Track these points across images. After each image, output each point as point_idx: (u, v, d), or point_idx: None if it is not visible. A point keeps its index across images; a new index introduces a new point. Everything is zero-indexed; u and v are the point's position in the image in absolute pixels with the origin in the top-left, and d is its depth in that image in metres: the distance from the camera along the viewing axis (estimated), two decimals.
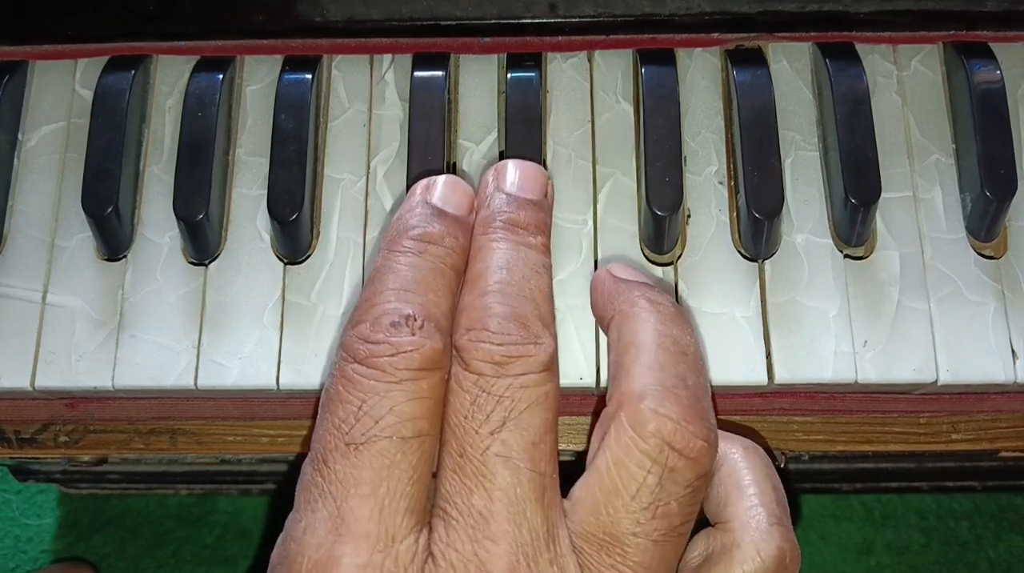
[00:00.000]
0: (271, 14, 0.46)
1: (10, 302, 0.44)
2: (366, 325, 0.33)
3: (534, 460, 0.32)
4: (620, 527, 0.32)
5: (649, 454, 0.32)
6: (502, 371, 0.33)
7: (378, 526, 0.31)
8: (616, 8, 0.45)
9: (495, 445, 0.32)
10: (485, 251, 0.36)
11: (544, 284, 0.36)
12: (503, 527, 0.31)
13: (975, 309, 0.43)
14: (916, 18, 0.46)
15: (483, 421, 0.32)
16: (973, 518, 0.68)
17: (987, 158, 0.43)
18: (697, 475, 0.33)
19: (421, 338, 0.33)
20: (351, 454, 0.32)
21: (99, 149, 0.44)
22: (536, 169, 0.39)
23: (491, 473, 0.32)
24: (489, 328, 0.33)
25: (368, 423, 0.32)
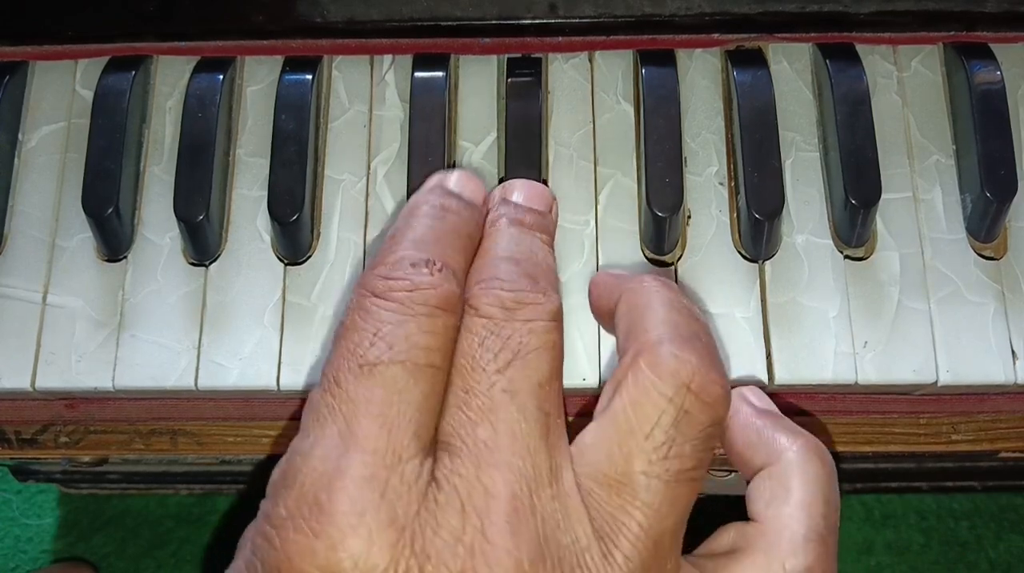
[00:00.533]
0: (271, 14, 0.46)
1: (10, 302, 0.44)
2: (386, 266, 0.34)
3: (539, 399, 0.32)
4: (632, 466, 0.32)
5: (666, 394, 0.32)
6: (511, 315, 0.33)
7: (386, 444, 0.31)
8: (616, 9, 0.45)
9: (501, 381, 0.32)
10: (494, 235, 0.37)
11: (551, 262, 0.37)
12: (507, 457, 0.31)
13: (975, 310, 0.43)
14: (916, 19, 0.46)
15: (491, 359, 0.32)
16: (973, 518, 0.68)
17: (987, 159, 0.43)
18: (712, 420, 0.32)
19: (439, 278, 0.33)
20: (363, 375, 0.32)
21: (99, 149, 0.44)
22: (543, 188, 0.40)
23: (496, 407, 0.32)
24: (500, 276, 0.34)
25: (382, 347, 0.32)
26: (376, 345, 0.32)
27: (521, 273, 0.35)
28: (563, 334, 0.35)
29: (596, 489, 0.32)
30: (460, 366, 0.33)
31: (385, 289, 0.33)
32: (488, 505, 0.30)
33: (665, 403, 0.32)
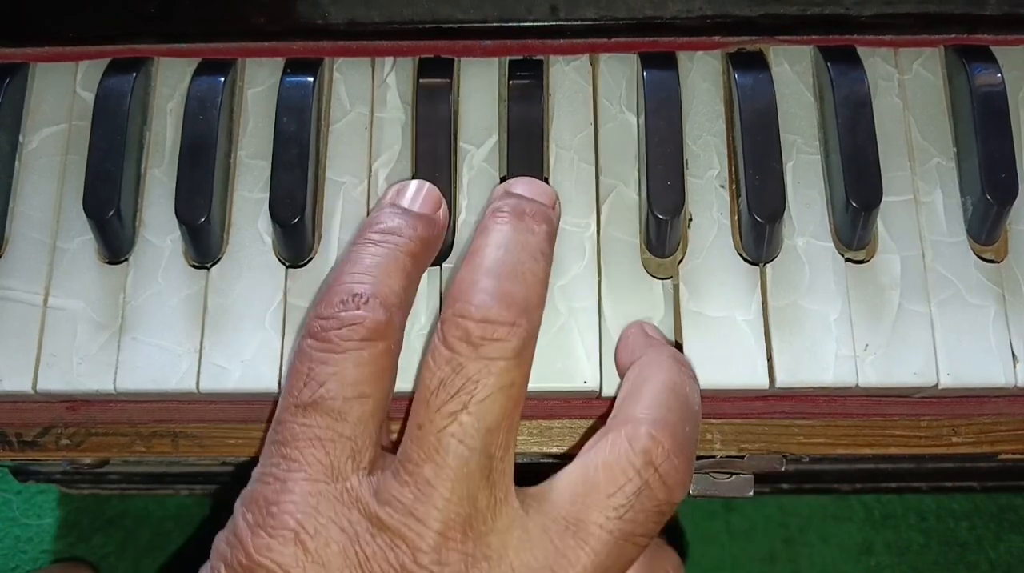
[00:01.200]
0: (272, 16, 0.46)
1: (11, 305, 0.44)
2: (322, 306, 0.37)
3: (486, 444, 0.35)
4: (590, 516, 0.35)
5: (635, 466, 0.36)
6: (474, 353, 0.36)
7: (324, 466, 0.36)
8: (617, 11, 0.45)
9: (452, 426, 0.35)
10: (487, 230, 0.39)
11: (539, 269, 0.38)
12: (445, 496, 0.35)
13: (976, 312, 0.43)
14: (917, 21, 0.46)
15: (446, 400, 0.35)
16: (973, 518, 0.68)
17: (988, 161, 0.43)
18: (667, 500, 0.36)
19: (365, 312, 0.36)
20: (299, 414, 0.36)
21: (100, 151, 0.44)
22: (545, 185, 0.42)
23: (444, 450, 0.35)
24: (473, 303, 0.36)
25: (314, 386, 0.36)
26: (308, 385, 0.36)
27: (497, 294, 0.36)
28: (530, 361, 0.37)
29: (552, 525, 0.36)
30: (418, 399, 0.36)
31: (318, 330, 0.37)
32: (421, 533, 0.34)
33: (632, 473, 0.35)
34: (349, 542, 0.35)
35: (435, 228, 0.41)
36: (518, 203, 0.40)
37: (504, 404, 0.36)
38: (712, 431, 0.44)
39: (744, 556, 0.67)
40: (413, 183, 0.41)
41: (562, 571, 0.35)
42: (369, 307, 0.37)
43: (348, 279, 0.37)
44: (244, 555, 0.35)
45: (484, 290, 0.36)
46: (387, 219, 0.40)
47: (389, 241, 0.39)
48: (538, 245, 0.39)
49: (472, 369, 0.35)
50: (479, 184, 0.45)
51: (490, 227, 0.39)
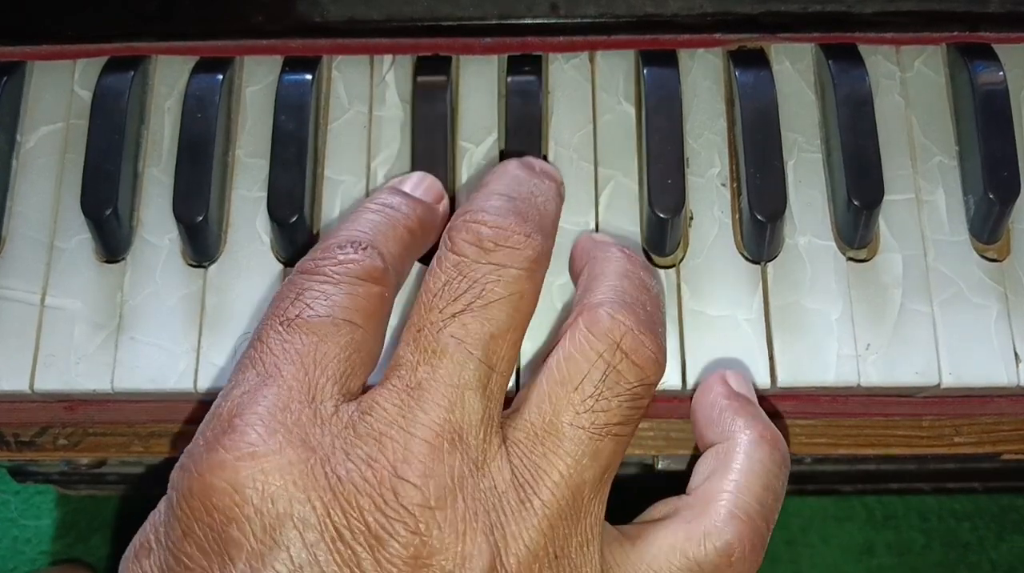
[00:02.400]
0: (271, 14, 0.46)
1: (9, 304, 0.43)
2: (317, 250, 0.36)
3: (487, 352, 0.33)
4: (560, 417, 0.33)
5: (598, 350, 0.33)
6: (484, 257, 0.34)
7: (303, 382, 0.32)
8: (618, 8, 0.45)
9: (452, 325, 0.33)
10: (497, 173, 0.38)
11: (551, 208, 0.37)
12: (437, 401, 0.32)
13: (978, 312, 0.42)
14: (919, 19, 0.46)
15: (449, 302, 0.33)
16: (975, 519, 0.68)
17: (990, 160, 0.43)
18: (639, 380, 0.33)
19: (364, 255, 0.35)
20: (283, 330, 0.33)
21: (98, 150, 0.44)
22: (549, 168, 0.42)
23: (441, 351, 0.33)
24: (485, 209, 0.35)
25: (301, 305, 0.34)
26: (296, 304, 0.34)
27: (511, 209, 0.35)
28: (540, 282, 0.35)
29: (523, 439, 0.33)
30: (419, 302, 0.34)
31: (313, 267, 0.35)
32: (406, 442, 0.31)
33: (596, 357, 0.33)
34: (319, 462, 0.31)
35: (435, 216, 0.40)
36: (526, 159, 0.39)
37: (511, 314, 0.34)
38: None
39: None
40: (416, 174, 0.41)
41: (539, 481, 0.32)
42: (368, 254, 0.35)
43: (345, 232, 0.36)
44: (196, 476, 0.30)
45: (497, 204, 0.35)
46: (387, 196, 0.38)
47: (388, 211, 0.37)
48: (551, 190, 0.38)
49: (480, 272, 0.33)
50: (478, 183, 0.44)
51: (496, 171, 0.38)
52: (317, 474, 0.30)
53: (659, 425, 0.43)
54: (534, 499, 0.32)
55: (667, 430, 0.43)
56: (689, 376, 0.42)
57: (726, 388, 0.38)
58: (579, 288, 0.38)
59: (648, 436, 0.43)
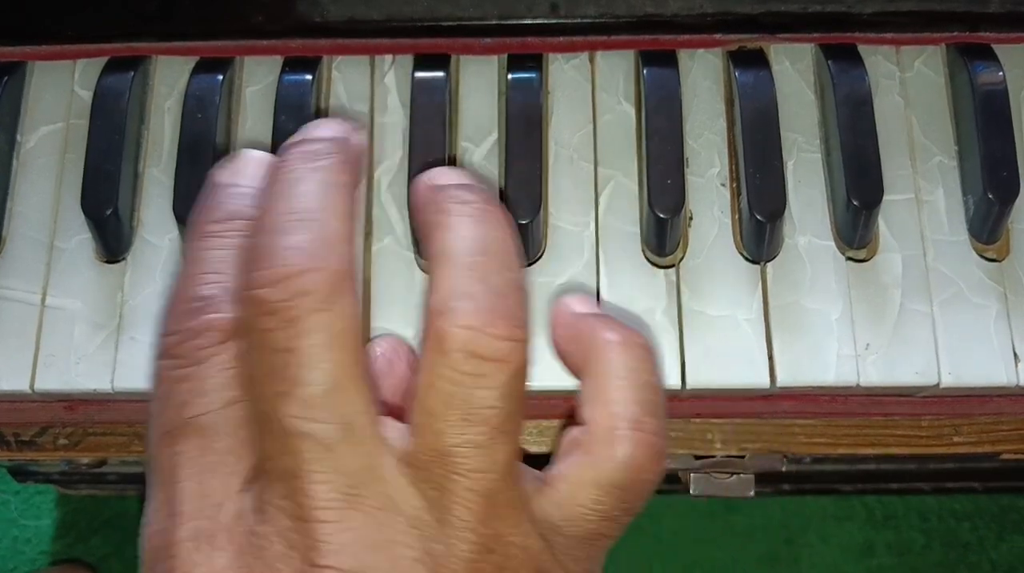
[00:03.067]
0: (271, 14, 0.46)
1: (9, 304, 0.43)
2: (169, 319, 0.34)
3: (331, 408, 0.31)
4: (444, 441, 0.32)
5: (454, 367, 0.32)
6: (282, 320, 0.31)
7: (200, 500, 0.32)
8: (618, 9, 0.45)
9: (287, 406, 0.31)
10: (272, 182, 0.34)
11: (334, 203, 0.34)
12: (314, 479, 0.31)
13: (977, 311, 0.43)
14: (919, 19, 0.46)
15: (271, 385, 0.31)
16: (975, 519, 0.68)
17: (990, 160, 0.43)
18: (508, 375, 0.32)
19: (215, 315, 0.33)
20: (168, 443, 0.33)
21: (98, 150, 0.44)
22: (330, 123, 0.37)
23: (289, 434, 0.31)
24: (261, 267, 0.32)
25: (176, 410, 0.33)
26: (170, 409, 0.33)
27: (289, 245, 0.32)
28: (353, 301, 0.32)
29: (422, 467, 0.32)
30: (253, 395, 0.32)
31: (169, 347, 0.33)
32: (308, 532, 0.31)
33: (455, 375, 0.32)
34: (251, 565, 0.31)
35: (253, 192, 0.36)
36: (302, 146, 0.35)
37: (336, 358, 0.31)
38: (713, 431, 0.43)
39: (745, 557, 0.67)
40: (234, 154, 0.38)
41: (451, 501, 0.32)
42: (218, 307, 0.33)
43: (189, 282, 0.34)
44: None
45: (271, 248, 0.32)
46: (221, 203, 0.36)
47: (229, 227, 0.35)
48: (329, 179, 0.34)
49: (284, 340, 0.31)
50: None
51: (274, 178, 0.34)
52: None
53: None
54: (451, 517, 0.32)
55: (666, 429, 0.43)
56: (689, 376, 0.42)
57: (572, 312, 0.38)
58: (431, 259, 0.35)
59: None
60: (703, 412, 0.43)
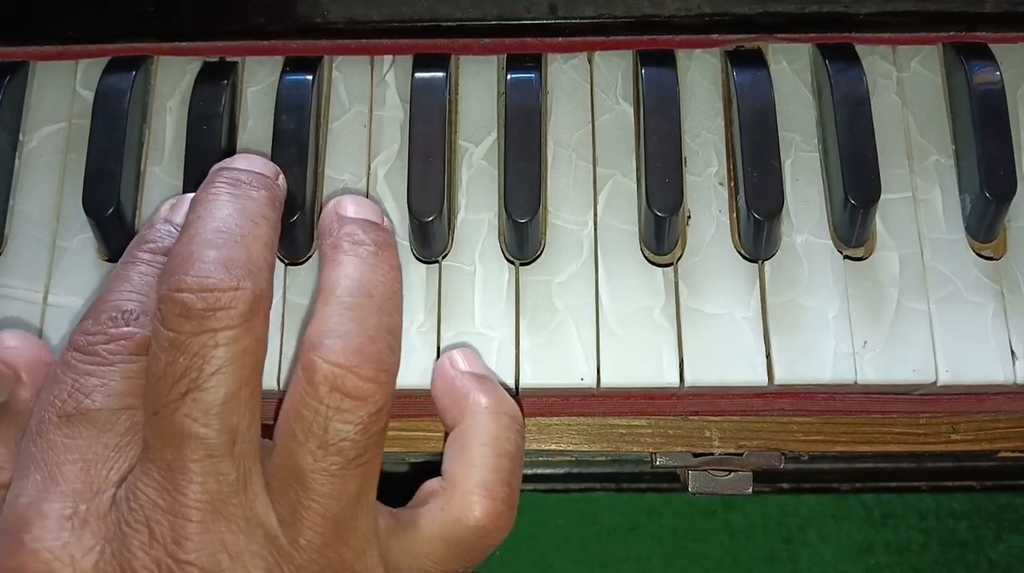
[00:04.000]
0: (272, 15, 0.46)
1: (11, 303, 0.44)
2: (88, 321, 0.36)
3: (223, 417, 0.33)
4: (300, 465, 0.34)
5: (318, 399, 0.34)
6: (197, 327, 0.33)
7: (83, 484, 0.33)
8: (616, 9, 0.45)
9: (184, 407, 0.33)
10: (200, 201, 0.37)
11: (261, 233, 0.36)
12: (191, 477, 0.33)
13: (974, 310, 0.43)
14: (916, 19, 0.46)
15: (174, 383, 0.33)
16: (973, 518, 0.68)
17: (987, 159, 0.43)
18: (368, 413, 0.34)
19: (134, 328, 0.35)
20: (63, 425, 0.34)
21: (100, 150, 0.44)
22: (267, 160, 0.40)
23: (180, 431, 0.33)
24: (189, 273, 0.34)
25: (79, 397, 0.34)
26: (73, 396, 0.34)
27: (218, 260, 0.34)
28: (263, 325, 0.35)
29: (276, 485, 0.34)
30: (149, 386, 0.34)
31: (85, 344, 0.35)
32: (171, 524, 0.33)
33: (317, 406, 0.34)
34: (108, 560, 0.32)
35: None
36: (234, 174, 0.38)
37: (238, 373, 0.34)
38: (711, 428, 0.44)
39: (743, 555, 0.67)
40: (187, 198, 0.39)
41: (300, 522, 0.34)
42: (140, 323, 0.35)
43: (116, 296, 0.36)
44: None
45: (200, 258, 0.34)
46: (158, 239, 0.38)
47: (159, 260, 0.37)
48: (257, 209, 0.37)
49: (197, 344, 0.33)
50: (478, 182, 0.45)
51: (203, 197, 0.37)
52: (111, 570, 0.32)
53: (656, 422, 0.44)
54: (300, 538, 0.34)
55: (664, 427, 0.43)
56: (687, 374, 0.42)
57: (455, 369, 0.41)
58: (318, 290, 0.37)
59: (646, 433, 0.43)
60: (701, 410, 0.44)
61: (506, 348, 0.42)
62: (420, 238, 0.43)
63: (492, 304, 0.43)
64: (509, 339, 0.42)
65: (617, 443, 0.44)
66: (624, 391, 0.43)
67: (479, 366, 0.41)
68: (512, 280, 0.43)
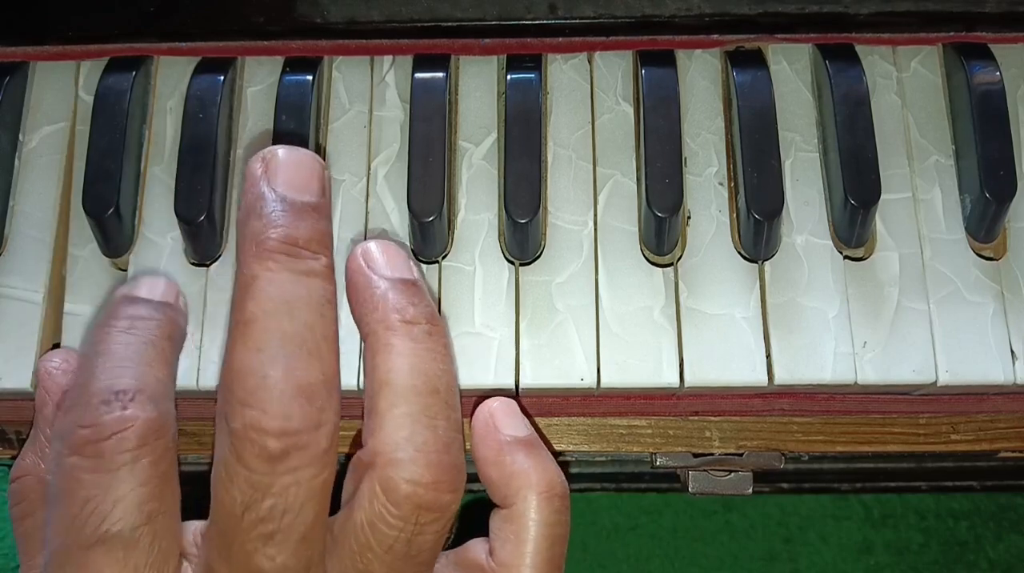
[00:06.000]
0: (272, 15, 0.46)
1: (11, 302, 0.44)
2: (79, 409, 0.33)
3: (299, 554, 0.32)
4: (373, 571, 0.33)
5: (401, 517, 0.33)
6: (279, 467, 0.31)
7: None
8: (616, 9, 0.45)
9: (265, 548, 0.32)
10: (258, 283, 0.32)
11: (329, 329, 0.33)
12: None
13: (974, 310, 0.43)
14: (916, 19, 0.46)
15: (255, 523, 0.32)
16: (972, 518, 0.68)
17: (987, 159, 0.43)
18: (447, 521, 0.34)
19: (134, 412, 0.33)
20: (89, 552, 0.32)
21: (100, 150, 0.44)
22: (309, 156, 0.35)
23: (256, 570, 0.32)
24: (267, 410, 0.31)
25: (95, 522, 0.32)
26: (90, 521, 0.32)
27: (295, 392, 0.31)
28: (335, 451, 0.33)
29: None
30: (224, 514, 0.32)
31: (82, 442, 0.32)
32: None
33: (401, 524, 0.33)
34: None
35: (181, 317, 0.38)
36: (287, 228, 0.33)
37: (316, 509, 0.33)
38: (711, 429, 0.44)
39: (744, 555, 0.67)
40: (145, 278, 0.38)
41: None
42: (137, 405, 0.32)
43: (104, 374, 0.33)
44: None
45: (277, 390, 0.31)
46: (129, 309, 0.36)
47: (139, 326, 0.35)
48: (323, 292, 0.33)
49: (278, 487, 0.31)
50: (478, 182, 0.45)
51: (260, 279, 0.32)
52: None
53: (656, 423, 0.44)
54: None
55: (664, 427, 0.43)
56: (687, 374, 0.42)
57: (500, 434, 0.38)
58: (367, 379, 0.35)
59: (646, 433, 0.43)
60: (701, 410, 0.44)
61: (506, 348, 0.42)
62: (420, 238, 0.43)
63: (492, 304, 0.43)
64: (509, 339, 0.42)
65: (617, 443, 0.44)
66: (624, 391, 0.43)
67: (520, 420, 0.39)
68: (512, 280, 0.43)
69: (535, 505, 0.37)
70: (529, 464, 0.37)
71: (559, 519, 0.37)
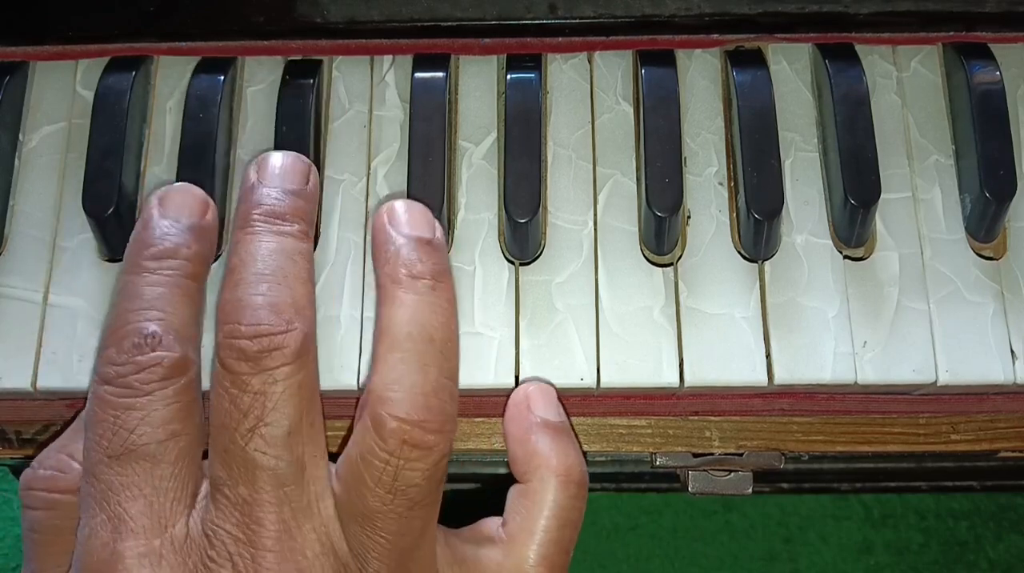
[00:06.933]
0: (272, 15, 0.46)
1: (11, 302, 0.44)
2: (112, 349, 0.37)
3: (291, 448, 0.36)
4: (369, 506, 0.36)
5: (388, 451, 0.36)
6: (255, 366, 0.36)
7: (150, 519, 0.36)
8: (616, 9, 0.45)
9: (253, 441, 0.36)
10: (241, 242, 0.38)
11: (301, 270, 0.38)
12: (266, 509, 0.36)
13: (974, 310, 0.43)
14: (916, 19, 0.46)
15: (240, 419, 0.36)
16: (972, 518, 0.68)
17: (986, 159, 0.43)
18: (434, 461, 0.36)
19: (161, 352, 0.36)
20: (114, 465, 0.36)
21: (100, 150, 0.44)
22: (297, 158, 0.41)
23: (252, 466, 0.36)
24: (241, 321, 0.36)
25: (124, 435, 0.36)
26: (118, 434, 0.36)
27: (264, 305, 0.36)
28: (313, 360, 0.37)
29: (346, 520, 0.37)
30: (216, 425, 0.37)
31: (115, 375, 0.36)
32: (253, 556, 0.35)
33: (387, 457, 0.36)
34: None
35: (208, 235, 0.40)
36: (269, 205, 0.39)
37: (297, 405, 0.36)
38: (710, 428, 0.44)
39: (744, 555, 0.67)
40: (175, 188, 0.40)
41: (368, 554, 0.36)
42: (164, 346, 0.36)
43: (134, 318, 0.37)
44: None
45: (249, 305, 0.36)
46: (157, 239, 0.38)
47: (166, 266, 0.38)
48: (295, 245, 0.38)
49: (257, 383, 0.36)
50: (478, 182, 0.45)
51: (242, 240, 0.38)
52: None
53: (656, 422, 0.44)
54: (368, 567, 0.36)
55: (664, 427, 0.43)
56: (687, 374, 0.42)
57: (532, 415, 0.41)
58: (372, 343, 0.39)
59: (646, 433, 0.44)
60: (701, 410, 0.44)
61: (506, 348, 0.42)
62: None
63: (492, 304, 0.43)
64: (509, 339, 0.42)
65: (617, 443, 0.44)
66: (624, 391, 0.43)
67: (553, 406, 0.41)
68: (512, 280, 0.43)
69: (552, 486, 0.39)
70: (552, 447, 0.40)
71: (573, 505, 0.39)
